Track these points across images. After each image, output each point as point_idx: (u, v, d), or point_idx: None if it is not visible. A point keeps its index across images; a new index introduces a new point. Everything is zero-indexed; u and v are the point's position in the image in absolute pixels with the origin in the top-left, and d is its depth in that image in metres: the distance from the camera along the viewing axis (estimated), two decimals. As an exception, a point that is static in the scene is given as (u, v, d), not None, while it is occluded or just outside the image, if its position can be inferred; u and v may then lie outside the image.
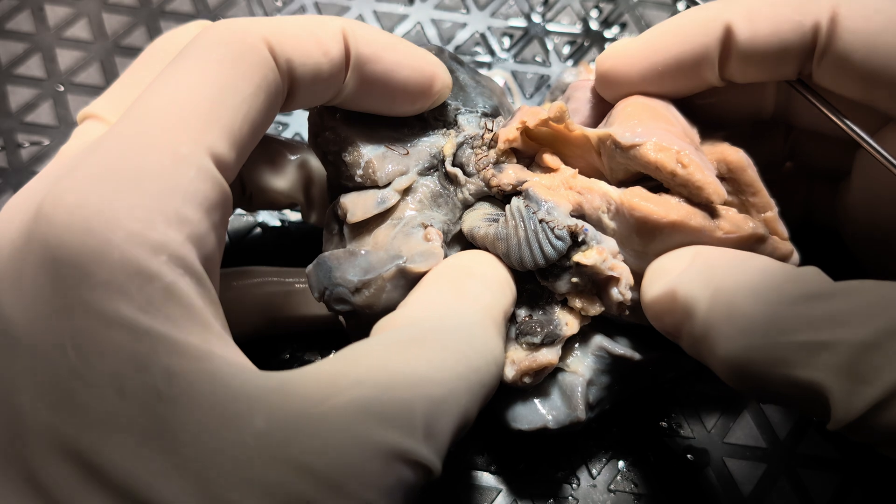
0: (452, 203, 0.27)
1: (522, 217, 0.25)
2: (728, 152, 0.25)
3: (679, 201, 0.24)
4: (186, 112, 0.19)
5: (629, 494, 0.32)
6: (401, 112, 0.26)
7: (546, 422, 0.27)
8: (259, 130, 0.21)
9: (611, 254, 0.25)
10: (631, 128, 0.25)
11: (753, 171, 0.25)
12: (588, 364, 0.28)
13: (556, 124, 0.26)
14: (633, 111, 0.26)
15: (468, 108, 0.28)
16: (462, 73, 0.29)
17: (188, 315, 0.17)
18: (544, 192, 0.25)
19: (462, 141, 0.27)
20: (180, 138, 0.18)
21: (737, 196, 0.26)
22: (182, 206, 0.18)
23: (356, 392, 0.17)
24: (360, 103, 0.25)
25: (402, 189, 0.26)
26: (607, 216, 0.25)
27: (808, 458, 0.32)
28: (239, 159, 0.20)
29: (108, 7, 0.44)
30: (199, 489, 0.15)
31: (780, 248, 0.26)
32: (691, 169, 0.23)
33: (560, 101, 0.26)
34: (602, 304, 0.26)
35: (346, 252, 0.25)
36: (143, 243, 0.17)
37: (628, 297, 0.25)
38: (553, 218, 0.24)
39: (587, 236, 0.24)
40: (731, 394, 0.34)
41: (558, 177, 0.26)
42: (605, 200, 0.25)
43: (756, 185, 0.25)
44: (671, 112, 0.26)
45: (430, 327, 0.21)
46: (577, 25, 0.44)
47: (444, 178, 0.27)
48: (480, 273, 0.24)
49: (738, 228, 0.24)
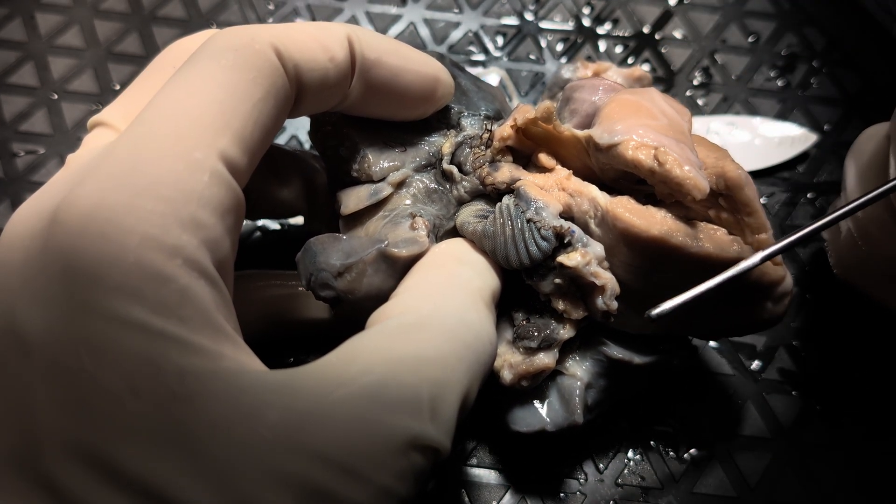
0: (447, 200, 0.27)
1: (511, 215, 0.25)
2: (728, 168, 0.25)
3: (665, 216, 0.24)
4: (198, 117, 0.19)
5: (636, 488, 0.32)
6: (405, 116, 0.26)
7: (544, 424, 0.28)
8: (269, 136, 0.21)
9: (596, 259, 0.24)
10: (610, 127, 0.24)
11: (752, 190, 0.25)
12: (586, 367, 0.28)
13: (545, 124, 0.26)
14: (614, 109, 0.25)
15: (471, 111, 0.28)
16: (464, 79, 0.29)
17: (201, 317, 0.17)
18: (535, 192, 0.25)
19: (461, 141, 0.27)
20: (193, 143, 0.18)
21: (732, 214, 0.25)
22: (197, 211, 0.18)
23: (364, 380, 0.18)
24: (366, 109, 0.25)
25: (395, 182, 0.27)
26: (593, 222, 0.25)
27: (814, 447, 0.33)
28: (250, 164, 0.20)
29: (100, 14, 0.44)
30: (218, 484, 0.16)
31: (770, 273, 0.25)
32: (668, 166, 0.23)
33: (547, 102, 0.25)
34: (586, 309, 0.26)
35: (331, 237, 0.25)
36: (159, 247, 0.17)
37: (613, 307, 0.25)
38: (540, 218, 0.24)
39: (573, 238, 0.24)
40: (735, 387, 0.34)
41: (553, 177, 0.26)
42: (593, 206, 0.25)
43: (752, 205, 0.25)
44: (657, 105, 0.26)
45: (426, 313, 0.21)
46: (569, 22, 0.44)
47: (441, 175, 0.27)
48: (469, 259, 0.25)
49: (722, 251, 0.24)
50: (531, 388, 0.27)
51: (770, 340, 0.35)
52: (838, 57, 0.43)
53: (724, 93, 0.42)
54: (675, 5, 0.44)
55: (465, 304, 0.22)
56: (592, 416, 0.28)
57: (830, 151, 0.40)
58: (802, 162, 0.40)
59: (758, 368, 0.34)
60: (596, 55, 0.43)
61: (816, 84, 0.42)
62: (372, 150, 0.27)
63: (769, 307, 0.25)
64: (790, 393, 0.34)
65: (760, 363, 0.34)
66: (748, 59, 0.43)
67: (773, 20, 0.44)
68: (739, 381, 0.34)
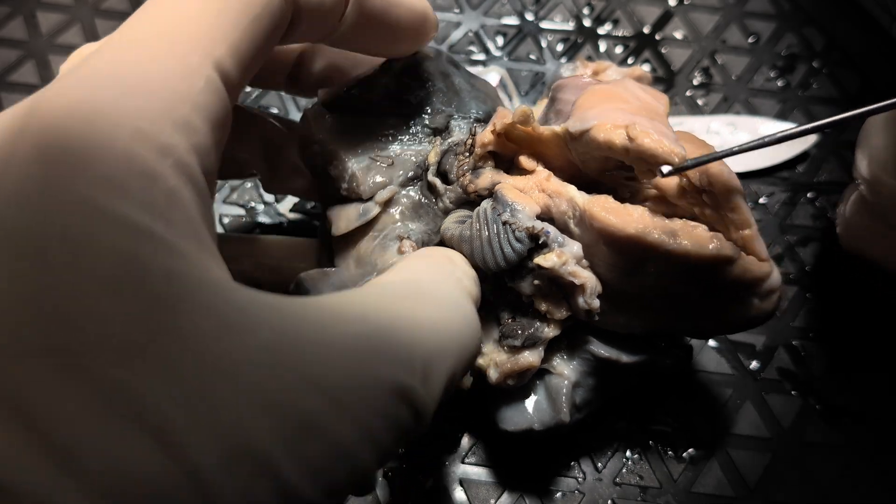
0: (434, 213, 0.27)
1: (486, 219, 0.25)
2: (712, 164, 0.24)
3: (643, 213, 0.24)
4: (194, 25, 0.18)
5: (635, 487, 0.32)
6: (391, 52, 0.26)
7: (531, 423, 0.28)
8: (262, 55, 0.20)
9: (573, 258, 0.24)
10: (583, 115, 0.24)
11: (734, 185, 0.24)
12: (574, 366, 0.28)
13: (523, 127, 0.26)
14: (587, 99, 0.25)
15: (461, 114, 0.28)
16: (458, 77, 0.29)
17: (189, 225, 0.16)
18: (512, 194, 0.25)
19: (447, 148, 0.27)
20: (189, 48, 0.17)
21: (715, 210, 0.24)
22: (190, 115, 0.17)
23: (361, 326, 0.17)
24: (356, 41, 0.25)
25: (383, 201, 0.27)
26: (572, 222, 0.25)
27: (814, 445, 0.33)
28: (242, 80, 0.20)
29: (101, 13, 0.44)
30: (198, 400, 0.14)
31: (754, 270, 0.24)
32: (639, 140, 0.23)
33: (524, 105, 0.25)
34: (569, 309, 0.26)
35: (320, 272, 0.26)
36: (150, 144, 0.16)
37: (594, 305, 0.25)
38: (515, 220, 0.24)
39: (548, 238, 0.24)
40: (735, 387, 0.34)
41: (533, 179, 0.26)
42: (572, 206, 0.25)
43: (735, 200, 0.24)
44: (630, 91, 0.26)
45: (422, 289, 0.21)
46: (570, 23, 0.44)
47: (427, 187, 0.27)
48: (458, 261, 0.25)
49: (701, 248, 0.23)
50: (518, 387, 0.27)
51: (769, 340, 0.35)
52: (838, 57, 0.43)
53: (724, 93, 0.42)
54: (675, 6, 0.44)
55: (457, 295, 0.22)
56: (582, 414, 0.28)
57: (830, 151, 0.40)
58: (802, 162, 0.40)
59: (757, 368, 0.34)
60: (596, 55, 0.43)
61: (816, 84, 0.42)
62: (360, 169, 0.27)
63: (756, 304, 0.25)
64: (790, 392, 0.34)
65: (759, 363, 0.34)
66: (748, 60, 0.43)
67: (773, 20, 0.44)
68: (739, 380, 0.34)
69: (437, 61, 0.28)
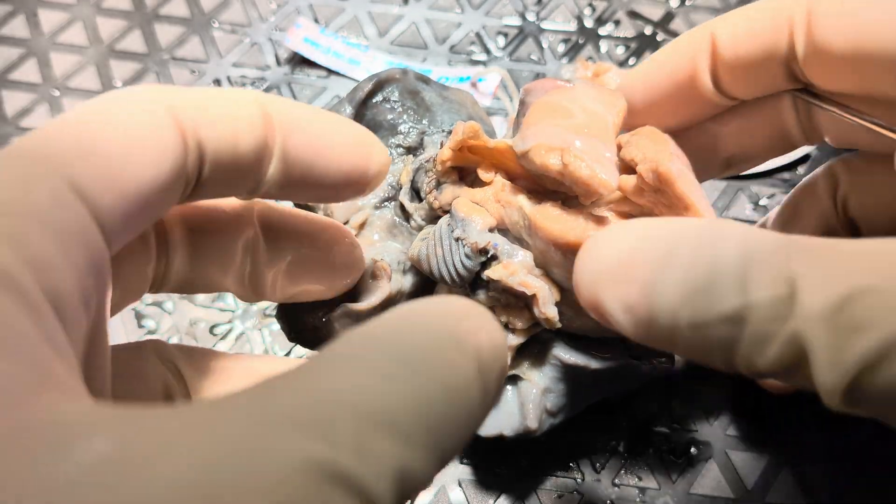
0: (408, 231, 0.28)
1: (441, 236, 0.25)
2: (661, 162, 0.23)
3: (584, 221, 0.23)
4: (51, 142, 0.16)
5: (633, 488, 0.32)
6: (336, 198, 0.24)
7: (501, 429, 0.28)
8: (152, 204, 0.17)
9: (523, 268, 0.24)
10: (524, 132, 0.24)
11: (684, 183, 0.23)
12: (545, 372, 0.28)
13: (473, 141, 0.25)
14: (532, 113, 0.25)
15: (435, 127, 0.28)
16: (428, 93, 0.29)
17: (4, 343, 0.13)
18: (465, 209, 0.25)
19: (418, 166, 0.27)
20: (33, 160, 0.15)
21: (669, 209, 0.24)
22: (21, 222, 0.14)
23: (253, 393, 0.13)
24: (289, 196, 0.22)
25: (357, 225, 0.27)
26: (524, 232, 0.25)
27: (812, 447, 0.33)
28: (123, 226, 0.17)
29: (103, 11, 0.44)
30: None
31: None
32: (571, 167, 0.22)
33: (471, 122, 0.25)
34: (531, 318, 0.26)
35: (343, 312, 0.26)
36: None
37: (550, 314, 0.24)
38: (466, 235, 0.24)
39: (497, 251, 0.24)
40: (731, 388, 0.34)
41: (490, 190, 0.26)
42: (522, 215, 0.25)
43: (686, 199, 0.23)
44: (577, 102, 0.25)
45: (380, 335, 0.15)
46: (571, 23, 0.44)
47: (400, 207, 0.28)
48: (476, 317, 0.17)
49: None
50: None
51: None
52: (840, 59, 0.43)
53: (724, 94, 0.42)
54: (676, 7, 0.44)
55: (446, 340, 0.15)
56: (558, 419, 0.28)
57: (830, 152, 0.40)
58: (803, 163, 0.40)
59: (756, 369, 0.34)
60: (597, 56, 0.43)
61: (817, 86, 0.42)
62: None
63: None
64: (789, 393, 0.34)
65: (759, 364, 0.34)
66: (749, 61, 0.43)
67: (775, 22, 0.44)
68: (738, 381, 0.34)
69: (405, 81, 0.29)
